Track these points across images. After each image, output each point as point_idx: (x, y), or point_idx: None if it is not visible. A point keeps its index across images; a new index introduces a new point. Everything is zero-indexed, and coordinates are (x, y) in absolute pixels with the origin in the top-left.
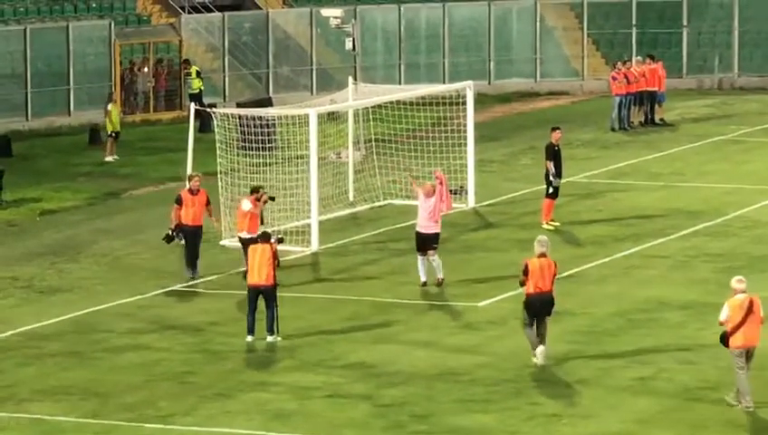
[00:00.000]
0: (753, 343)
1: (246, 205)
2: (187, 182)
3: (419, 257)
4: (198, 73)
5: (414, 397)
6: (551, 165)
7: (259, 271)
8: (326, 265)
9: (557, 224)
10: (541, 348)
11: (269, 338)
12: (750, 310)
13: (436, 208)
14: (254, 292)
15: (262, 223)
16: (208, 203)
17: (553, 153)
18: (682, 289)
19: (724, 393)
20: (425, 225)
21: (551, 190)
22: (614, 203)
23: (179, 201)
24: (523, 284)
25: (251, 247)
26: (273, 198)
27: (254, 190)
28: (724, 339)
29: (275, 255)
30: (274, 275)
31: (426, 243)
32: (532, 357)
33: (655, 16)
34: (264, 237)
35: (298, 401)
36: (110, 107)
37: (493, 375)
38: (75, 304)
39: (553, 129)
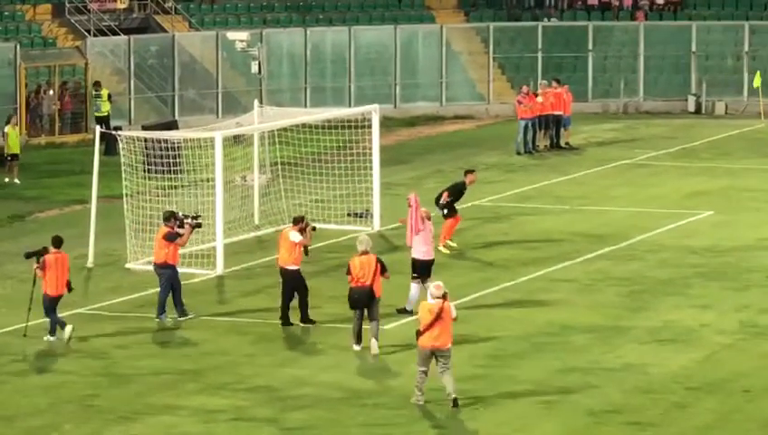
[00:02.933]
0: (440, 344)
1: (295, 236)
2: (164, 223)
3: (418, 285)
4: (110, 96)
5: (319, 420)
6: (446, 197)
7: (58, 282)
8: (231, 287)
9: (453, 245)
10: (373, 342)
11: (67, 330)
12: (439, 315)
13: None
14: (54, 302)
15: (306, 254)
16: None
17: (459, 193)
18: (587, 313)
19: (628, 416)
20: (425, 250)
21: (446, 212)
22: (519, 226)
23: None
24: (349, 281)
25: (47, 258)
26: (314, 228)
27: (298, 220)
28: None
29: None
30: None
31: (429, 269)
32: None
33: (560, 41)
34: (57, 243)
35: (203, 425)
36: (7, 129)
37: (398, 399)
38: None
39: (469, 171)
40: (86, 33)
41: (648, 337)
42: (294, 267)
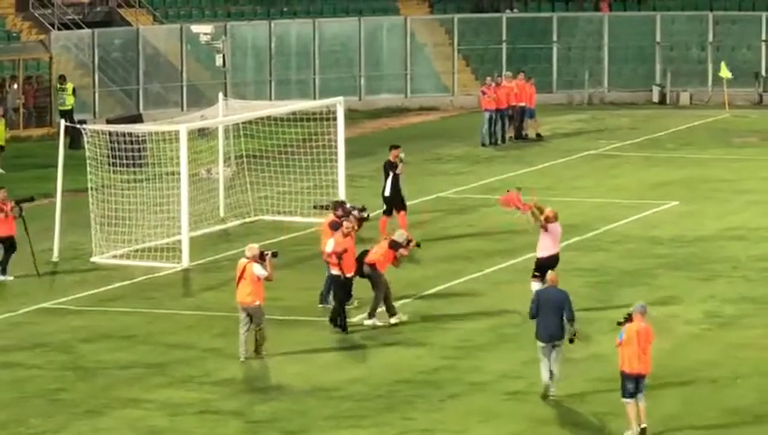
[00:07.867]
0: (244, 301)
1: (329, 245)
2: (332, 211)
3: (539, 284)
4: (74, 90)
5: (286, 413)
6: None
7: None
8: (197, 281)
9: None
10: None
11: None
12: (242, 275)
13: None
14: None
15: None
16: None
17: (387, 170)
18: None
19: (593, 406)
20: (550, 248)
21: (385, 207)
22: (485, 218)
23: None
24: None
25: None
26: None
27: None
28: None
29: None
30: None
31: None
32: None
33: (525, 32)
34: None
35: (169, 418)
36: None
37: (365, 391)
38: None
39: (394, 147)
40: (50, 27)
41: (613, 327)
42: (344, 274)
